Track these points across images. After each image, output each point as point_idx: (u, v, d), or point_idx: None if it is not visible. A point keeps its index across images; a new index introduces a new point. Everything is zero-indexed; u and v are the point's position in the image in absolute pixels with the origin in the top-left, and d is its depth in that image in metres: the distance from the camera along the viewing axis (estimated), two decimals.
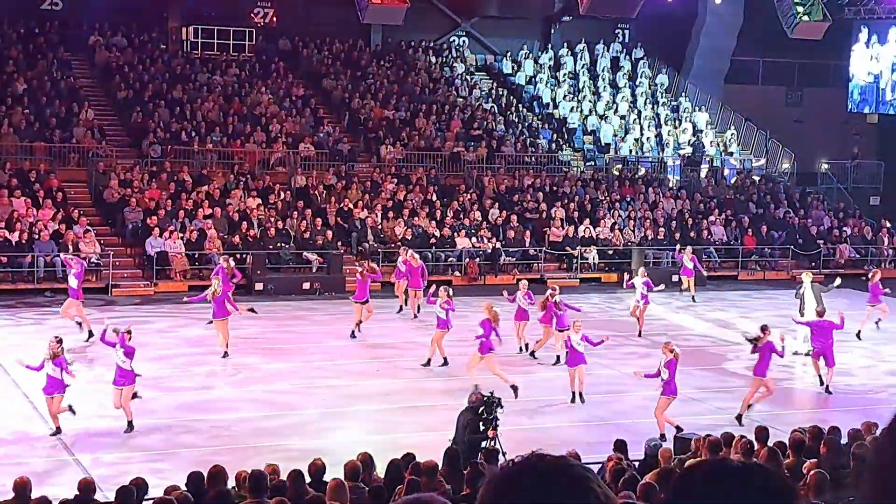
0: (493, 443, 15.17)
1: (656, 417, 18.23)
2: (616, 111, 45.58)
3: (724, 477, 2.22)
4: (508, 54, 47.82)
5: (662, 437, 17.50)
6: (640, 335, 26.83)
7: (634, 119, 45.40)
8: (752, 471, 2.23)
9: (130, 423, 17.80)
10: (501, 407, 15.62)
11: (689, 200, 40.93)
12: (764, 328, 20.28)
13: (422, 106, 42.34)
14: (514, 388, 20.14)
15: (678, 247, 34.72)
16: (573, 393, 20.47)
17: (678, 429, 17.65)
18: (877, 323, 28.19)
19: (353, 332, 25.77)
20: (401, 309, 29.25)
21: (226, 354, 23.14)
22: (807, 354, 24.05)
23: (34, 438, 17.35)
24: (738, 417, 19.29)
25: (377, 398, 20.58)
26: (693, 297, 32.70)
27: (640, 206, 39.65)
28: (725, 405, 20.64)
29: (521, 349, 24.47)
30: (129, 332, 18.21)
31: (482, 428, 15.33)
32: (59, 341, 17.80)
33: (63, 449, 16.91)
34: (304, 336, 26.36)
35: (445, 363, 22.92)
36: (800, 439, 12.94)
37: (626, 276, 30.22)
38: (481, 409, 15.42)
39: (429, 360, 23.02)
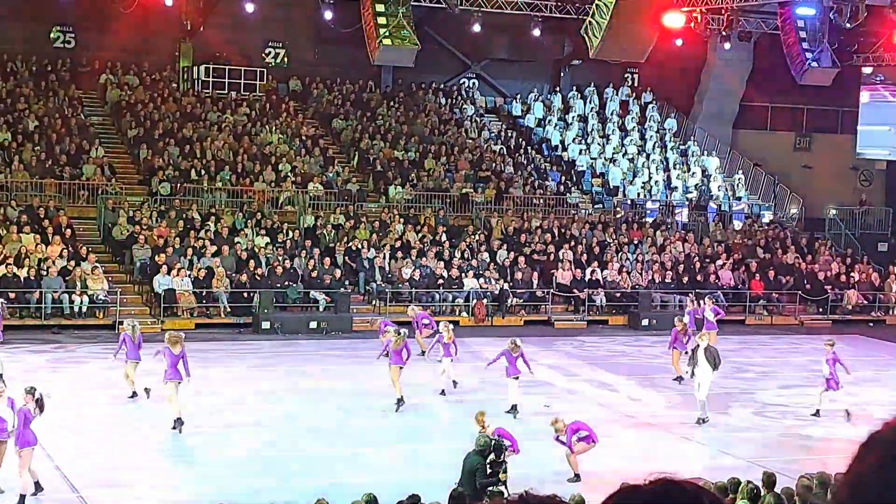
0: (501, 485, 15.09)
1: (567, 459, 18.01)
2: (625, 154, 45.68)
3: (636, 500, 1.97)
4: (518, 97, 48.01)
5: (577, 476, 17.53)
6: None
7: (643, 162, 45.49)
8: (666, 491, 1.98)
9: (22, 497, 15.64)
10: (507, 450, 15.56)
11: (696, 244, 40.93)
12: None
13: (431, 147, 42.46)
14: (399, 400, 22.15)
15: (695, 299, 32.16)
16: None
17: (577, 476, 17.68)
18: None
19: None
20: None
21: (134, 394, 22.87)
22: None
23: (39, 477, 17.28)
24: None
25: (382, 438, 20.51)
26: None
27: (648, 250, 39.66)
28: (731, 450, 20.55)
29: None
30: (31, 393, 15.87)
31: (490, 471, 15.25)
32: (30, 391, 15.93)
33: (68, 488, 16.85)
34: (308, 376, 26.29)
35: (401, 402, 22.47)
36: (807, 486, 12.85)
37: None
38: (488, 452, 15.35)
39: (399, 399, 22.48)
